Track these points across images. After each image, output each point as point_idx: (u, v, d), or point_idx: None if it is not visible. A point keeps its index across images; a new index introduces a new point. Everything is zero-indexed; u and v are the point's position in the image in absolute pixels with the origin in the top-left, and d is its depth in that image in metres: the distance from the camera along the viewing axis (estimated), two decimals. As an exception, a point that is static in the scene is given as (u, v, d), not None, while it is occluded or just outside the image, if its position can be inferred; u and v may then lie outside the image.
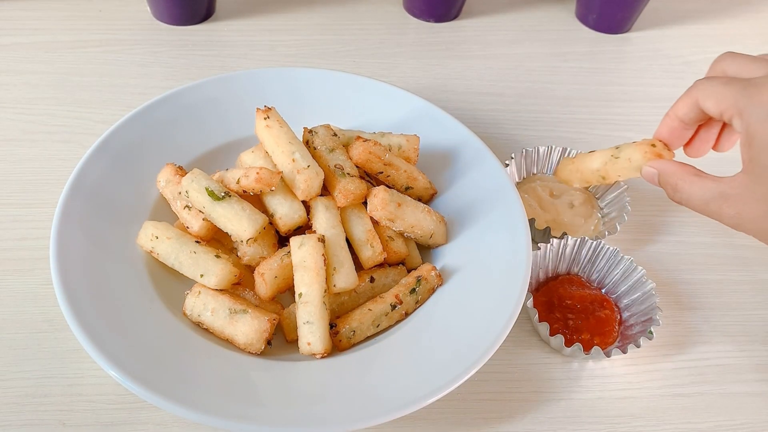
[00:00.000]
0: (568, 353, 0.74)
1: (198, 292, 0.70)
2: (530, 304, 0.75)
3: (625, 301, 0.78)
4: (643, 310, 0.76)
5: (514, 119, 1.05)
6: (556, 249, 0.79)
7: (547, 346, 0.77)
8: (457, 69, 1.14)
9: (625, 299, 0.78)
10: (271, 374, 0.67)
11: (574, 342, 0.73)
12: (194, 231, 0.75)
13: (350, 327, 0.70)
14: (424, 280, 0.74)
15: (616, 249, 0.79)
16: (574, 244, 0.79)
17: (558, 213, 0.86)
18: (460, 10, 1.25)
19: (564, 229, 0.84)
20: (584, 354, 0.72)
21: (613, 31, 1.24)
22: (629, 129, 1.05)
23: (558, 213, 0.86)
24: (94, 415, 0.68)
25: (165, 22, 1.16)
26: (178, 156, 0.83)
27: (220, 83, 0.89)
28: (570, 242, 0.79)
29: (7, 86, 1.02)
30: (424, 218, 0.76)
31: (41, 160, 0.91)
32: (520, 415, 0.71)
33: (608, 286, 0.80)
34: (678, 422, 0.72)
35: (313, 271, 0.68)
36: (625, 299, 0.78)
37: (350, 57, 1.14)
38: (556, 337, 0.73)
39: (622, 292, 0.79)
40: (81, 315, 0.64)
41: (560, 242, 0.78)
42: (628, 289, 0.78)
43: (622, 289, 0.79)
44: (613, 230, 0.83)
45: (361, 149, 0.76)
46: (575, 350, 0.72)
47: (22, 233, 0.83)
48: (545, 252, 0.78)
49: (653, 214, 0.93)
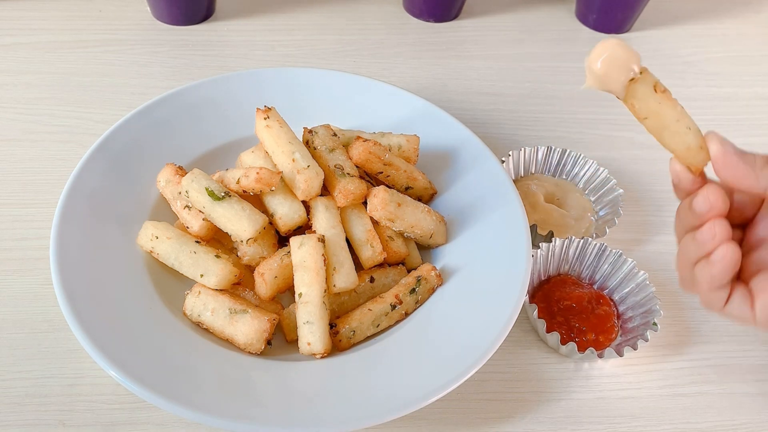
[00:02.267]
0: (564, 352, 0.74)
1: (198, 292, 0.70)
2: (528, 302, 0.75)
3: (619, 294, 0.78)
4: (639, 301, 0.76)
5: (514, 119, 1.05)
6: (545, 252, 0.79)
7: (546, 346, 0.77)
8: (457, 69, 1.14)
9: (618, 293, 0.79)
10: (271, 374, 0.67)
11: (580, 343, 0.73)
12: (194, 231, 0.75)
13: (350, 327, 0.70)
14: (424, 280, 0.74)
15: (603, 244, 0.79)
16: (562, 244, 0.79)
17: (548, 213, 0.86)
18: (460, 10, 1.25)
19: (552, 228, 0.84)
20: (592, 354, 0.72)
21: (613, 31, 1.24)
22: (629, 129, 1.05)
23: (548, 213, 0.86)
24: (94, 415, 0.68)
25: (165, 22, 1.16)
26: (178, 156, 0.83)
27: (220, 83, 0.89)
28: (558, 243, 0.79)
29: (7, 86, 1.02)
30: (424, 218, 0.76)
31: (41, 160, 0.91)
32: (520, 415, 0.71)
33: (599, 281, 0.80)
34: (678, 422, 0.72)
35: (313, 271, 0.68)
36: (619, 293, 0.79)
37: (350, 57, 1.14)
38: (552, 335, 0.73)
39: (614, 285, 0.79)
40: (81, 315, 0.64)
41: (549, 246, 0.78)
42: (620, 282, 0.79)
43: (614, 282, 0.79)
44: (602, 233, 0.83)
45: (361, 149, 0.76)
46: (571, 349, 0.72)
47: (22, 233, 0.83)
48: (536, 257, 0.78)
49: (653, 214, 0.93)
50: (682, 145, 0.55)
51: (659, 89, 0.55)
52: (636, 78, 0.54)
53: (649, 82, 0.54)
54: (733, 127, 1.07)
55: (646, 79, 0.54)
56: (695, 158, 0.55)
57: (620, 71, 0.54)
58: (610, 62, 0.53)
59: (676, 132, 0.55)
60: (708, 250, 0.53)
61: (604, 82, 0.54)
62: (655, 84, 0.54)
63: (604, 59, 0.53)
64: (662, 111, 0.55)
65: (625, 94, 0.55)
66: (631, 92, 0.54)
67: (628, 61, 0.53)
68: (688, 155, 0.55)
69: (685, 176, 0.55)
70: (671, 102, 0.55)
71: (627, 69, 0.54)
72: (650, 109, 0.55)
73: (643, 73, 0.54)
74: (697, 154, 0.54)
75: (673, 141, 0.55)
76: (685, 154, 0.55)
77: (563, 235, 0.84)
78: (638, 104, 0.55)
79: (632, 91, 0.54)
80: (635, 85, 0.54)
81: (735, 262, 0.52)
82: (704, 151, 0.54)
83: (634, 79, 0.54)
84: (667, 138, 0.55)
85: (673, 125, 0.55)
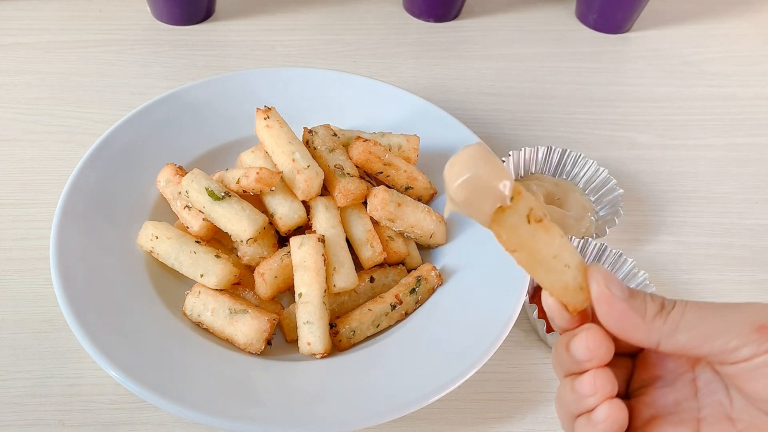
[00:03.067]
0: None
1: (198, 292, 0.70)
2: (528, 302, 0.75)
3: None
4: None
5: (514, 119, 1.05)
6: None
7: (546, 346, 0.77)
8: (457, 69, 1.14)
9: None
10: (271, 374, 0.67)
11: None
12: (194, 231, 0.75)
13: (350, 327, 0.70)
14: (424, 280, 0.74)
15: (603, 244, 0.79)
16: None
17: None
18: (460, 10, 1.25)
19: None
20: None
21: (613, 31, 1.24)
22: (629, 129, 1.05)
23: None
24: (94, 415, 0.68)
25: (165, 22, 1.16)
26: (178, 156, 0.83)
27: (220, 83, 0.89)
28: None
29: (7, 86, 1.02)
30: (424, 218, 0.76)
31: (41, 160, 0.91)
32: (520, 415, 0.71)
33: None
34: (678, 422, 0.72)
35: (313, 271, 0.68)
36: None
37: (350, 57, 1.14)
38: (552, 335, 0.73)
39: None
40: (81, 315, 0.64)
41: None
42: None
43: None
44: (602, 233, 0.83)
45: (361, 149, 0.76)
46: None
47: (22, 233, 0.83)
48: None
49: (653, 214, 0.93)
50: (559, 284, 0.45)
51: (533, 218, 0.43)
52: (505, 207, 0.42)
53: (521, 211, 0.43)
54: (733, 127, 1.07)
55: (517, 208, 0.42)
56: (573, 298, 0.45)
57: (484, 198, 0.41)
58: (472, 187, 0.41)
59: (552, 269, 0.44)
60: (588, 406, 0.43)
61: (466, 209, 0.42)
62: (529, 212, 0.43)
63: (465, 182, 0.41)
64: (535, 245, 0.43)
65: (489, 222, 0.43)
66: (498, 221, 0.43)
67: (494, 185, 0.41)
68: (566, 294, 0.45)
69: (559, 314, 0.45)
70: (548, 234, 0.43)
71: (493, 196, 0.41)
72: (521, 242, 0.43)
73: (515, 198, 0.42)
74: (576, 294, 0.44)
75: (548, 279, 0.45)
76: (562, 294, 0.45)
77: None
78: (506, 235, 0.43)
79: (499, 220, 0.42)
80: (503, 215, 0.42)
81: (621, 424, 0.43)
82: (585, 291, 0.44)
83: (502, 207, 0.42)
84: (540, 275, 0.45)
85: (548, 261, 0.44)
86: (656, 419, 0.45)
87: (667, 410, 0.45)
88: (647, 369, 0.47)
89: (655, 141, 1.04)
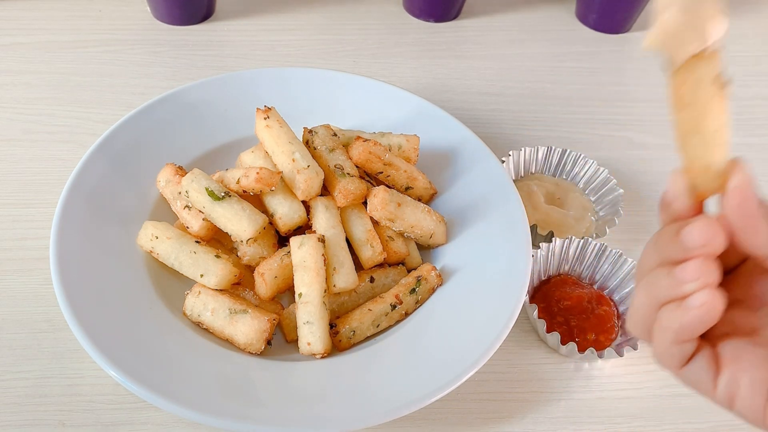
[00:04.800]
0: (564, 352, 0.74)
1: (198, 292, 0.70)
2: (528, 302, 0.75)
3: (620, 294, 0.78)
4: None
5: (514, 119, 1.05)
6: (545, 252, 0.79)
7: (546, 346, 0.77)
8: (457, 69, 1.14)
9: (618, 293, 0.79)
10: (271, 374, 0.67)
11: (580, 343, 0.73)
12: (194, 231, 0.75)
13: (350, 327, 0.70)
14: (424, 280, 0.74)
15: (603, 244, 0.79)
16: (563, 244, 0.79)
17: (548, 213, 0.86)
18: (460, 10, 1.25)
19: (552, 228, 0.84)
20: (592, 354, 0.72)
21: (613, 31, 1.24)
22: (629, 129, 1.05)
23: (548, 213, 0.86)
24: (94, 415, 0.68)
25: (165, 22, 1.16)
26: (178, 156, 0.83)
27: (220, 83, 0.89)
28: (558, 243, 0.79)
29: (7, 86, 1.02)
30: (424, 218, 0.76)
31: (41, 160, 0.91)
32: (520, 415, 0.71)
33: (599, 281, 0.80)
34: (678, 422, 0.72)
35: (313, 271, 0.68)
36: (619, 293, 0.78)
37: (350, 57, 1.14)
38: (552, 335, 0.73)
39: (614, 285, 0.79)
40: (81, 315, 0.64)
41: (549, 246, 0.78)
42: (620, 282, 0.79)
43: (614, 282, 0.79)
44: (602, 233, 0.83)
45: (361, 149, 0.76)
46: (571, 349, 0.72)
47: (22, 233, 0.83)
48: (536, 257, 0.78)
49: (653, 214, 0.93)
50: (702, 161, 0.42)
51: (719, 82, 0.41)
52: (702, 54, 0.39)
53: (712, 68, 0.40)
54: (734, 127, 1.07)
55: (712, 63, 0.40)
56: (708, 183, 0.43)
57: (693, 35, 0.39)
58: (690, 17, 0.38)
59: (706, 143, 0.42)
60: (685, 293, 0.42)
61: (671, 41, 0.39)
62: (717, 74, 0.40)
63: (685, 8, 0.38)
64: (706, 110, 0.41)
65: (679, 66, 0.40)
66: (688, 68, 0.40)
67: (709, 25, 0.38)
68: (702, 175, 0.43)
69: (682, 199, 0.44)
70: (721, 106, 0.41)
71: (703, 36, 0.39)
72: (696, 100, 0.41)
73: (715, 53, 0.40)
74: (713, 179, 0.42)
75: (696, 152, 0.42)
76: (700, 173, 0.43)
77: (563, 235, 0.83)
78: (687, 87, 0.41)
79: (690, 67, 0.40)
80: (696, 63, 0.40)
81: (715, 315, 0.42)
82: (722, 179, 0.42)
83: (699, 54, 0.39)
84: (692, 144, 0.42)
85: (707, 133, 0.42)
86: (730, 335, 0.44)
87: (743, 332, 0.45)
88: (735, 289, 0.46)
89: (655, 141, 1.04)
